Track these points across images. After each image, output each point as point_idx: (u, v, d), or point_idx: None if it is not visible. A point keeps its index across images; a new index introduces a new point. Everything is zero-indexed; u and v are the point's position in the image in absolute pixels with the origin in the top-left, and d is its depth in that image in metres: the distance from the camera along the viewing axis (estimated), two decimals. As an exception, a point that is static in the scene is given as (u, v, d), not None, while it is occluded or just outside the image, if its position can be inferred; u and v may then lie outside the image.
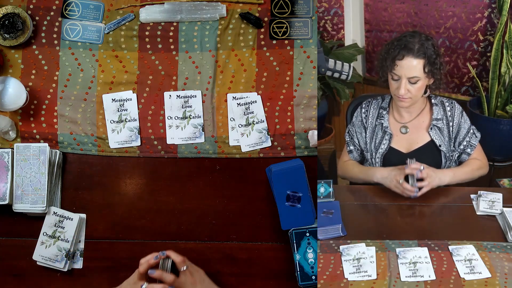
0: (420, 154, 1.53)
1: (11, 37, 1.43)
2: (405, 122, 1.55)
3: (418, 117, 1.55)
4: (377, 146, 1.56)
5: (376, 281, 1.18)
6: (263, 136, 1.45)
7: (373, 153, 1.56)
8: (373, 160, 1.57)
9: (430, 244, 1.26)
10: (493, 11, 1.93)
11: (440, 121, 1.53)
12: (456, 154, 1.55)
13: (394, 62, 1.43)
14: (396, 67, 1.43)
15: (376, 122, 1.57)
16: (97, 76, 1.47)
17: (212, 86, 1.46)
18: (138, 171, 1.45)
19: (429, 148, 1.53)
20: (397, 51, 1.43)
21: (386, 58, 1.47)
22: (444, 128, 1.53)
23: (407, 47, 1.42)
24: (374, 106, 1.59)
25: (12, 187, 1.37)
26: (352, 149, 1.62)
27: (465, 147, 1.54)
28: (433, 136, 1.52)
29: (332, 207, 1.41)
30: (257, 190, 1.43)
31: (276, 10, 1.47)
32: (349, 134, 1.63)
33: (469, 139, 1.54)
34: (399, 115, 1.56)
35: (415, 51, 1.42)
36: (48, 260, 1.39)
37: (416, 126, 1.55)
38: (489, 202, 1.39)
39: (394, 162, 1.53)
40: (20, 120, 1.46)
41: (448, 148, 1.53)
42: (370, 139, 1.57)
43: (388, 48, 1.47)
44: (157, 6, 1.47)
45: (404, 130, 1.54)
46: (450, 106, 1.54)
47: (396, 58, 1.43)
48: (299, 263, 1.32)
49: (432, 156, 1.53)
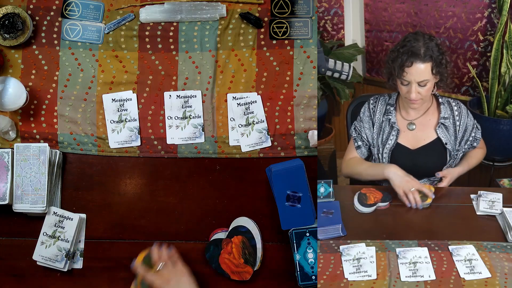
0: (426, 151, 1.55)
1: (11, 37, 1.43)
2: (411, 120, 1.57)
3: (425, 115, 1.57)
4: (384, 142, 1.57)
5: (376, 281, 1.18)
6: (263, 136, 1.44)
7: (380, 148, 1.58)
8: (380, 156, 1.58)
9: (430, 244, 1.26)
10: (493, 11, 1.93)
11: (447, 120, 1.55)
12: (461, 153, 1.57)
13: (403, 69, 1.43)
14: (405, 74, 1.43)
15: (383, 118, 1.58)
16: (97, 76, 1.47)
17: (212, 86, 1.46)
18: (138, 171, 1.45)
19: (435, 146, 1.55)
20: (404, 58, 1.42)
21: (393, 66, 1.46)
22: (450, 127, 1.55)
23: (414, 53, 1.42)
24: (381, 102, 1.60)
25: (12, 187, 1.37)
26: (360, 145, 1.61)
27: (472, 142, 1.58)
28: (440, 134, 1.54)
29: (332, 207, 1.41)
30: (257, 190, 1.43)
31: (276, 10, 1.47)
32: (356, 130, 1.62)
33: (474, 134, 1.58)
34: (406, 113, 1.58)
35: (421, 56, 1.41)
36: (48, 260, 1.39)
37: (423, 123, 1.56)
38: (489, 202, 1.39)
39: (401, 158, 1.55)
40: (20, 120, 1.46)
41: (453, 146, 1.55)
42: (377, 135, 1.59)
43: (394, 56, 1.47)
44: (157, 6, 1.47)
45: (411, 126, 1.56)
46: (457, 106, 1.56)
47: (405, 65, 1.42)
48: (299, 263, 1.32)
49: (437, 153, 1.55)
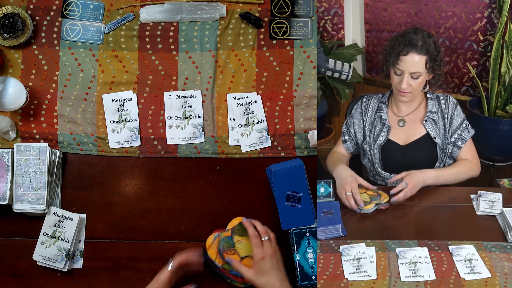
0: (416, 147, 1.57)
1: (11, 37, 1.43)
2: (402, 116, 1.60)
3: (415, 111, 1.59)
4: (375, 138, 1.60)
5: (376, 281, 1.18)
6: (263, 136, 1.44)
7: (372, 144, 1.60)
8: (372, 152, 1.61)
9: (430, 244, 1.26)
10: (493, 11, 1.93)
11: (434, 113, 1.57)
12: (450, 147, 1.56)
13: (398, 57, 1.48)
14: (399, 62, 1.48)
15: (375, 115, 1.62)
16: (97, 76, 1.47)
17: (212, 86, 1.46)
18: (138, 171, 1.45)
19: (425, 141, 1.56)
20: (401, 47, 1.48)
21: (390, 53, 1.52)
22: (439, 121, 1.57)
23: (411, 43, 1.47)
24: (374, 100, 1.64)
25: (12, 187, 1.37)
26: (346, 139, 1.65)
27: (456, 140, 1.56)
28: (428, 128, 1.56)
29: (332, 207, 1.41)
30: (257, 190, 1.43)
31: (276, 10, 1.47)
32: (346, 125, 1.67)
33: (461, 132, 1.56)
34: (397, 109, 1.61)
35: (418, 47, 1.47)
36: (48, 260, 1.39)
37: (413, 119, 1.59)
38: (489, 202, 1.39)
39: (392, 153, 1.58)
40: (20, 120, 1.46)
41: (443, 141, 1.56)
42: (369, 131, 1.61)
43: (392, 44, 1.52)
44: (157, 6, 1.47)
45: (402, 123, 1.59)
46: (445, 100, 1.59)
47: (401, 53, 1.47)
48: (299, 263, 1.32)
49: (428, 148, 1.56)
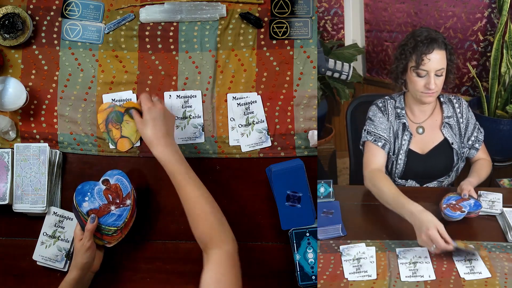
0: (435, 154, 1.52)
1: (11, 37, 1.43)
2: (420, 122, 1.54)
3: (432, 116, 1.54)
4: (399, 147, 1.53)
5: (376, 281, 1.18)
6: (263, 136, 1.44)
7: (398, 151, 1.53)
8: (396, 159, 1.53)
9: (430, 244, 1.26)
10: (493, 11, 1.93)
11: (451, 118, 1.53)
12: (466, 151, 1.55)
13: (421, 58, 1.41)
14: (423, 63, 1.41)
15: (396, 122, 1.54)
16: (97, 76, 1.47)
17: (212, 86, 1.46)
18: (138, 171, 1.45)
19: (443, 147, 1.53)
20: (424, 46, 1.41)
21: (409, 57, 1.44)
22: (455, 125, 1.53)
23: (434, 39, 1.41)
24: (390, 106, 1.55)
25: (12, 187, 1.37)
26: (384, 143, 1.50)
27: (474, 142, 1.55)
28: (446, 134, 1.52)
29: (332, 207, 1.41)
30: (257, 190, 1.43)
31: (276, 10, 1.47)
32: (371, 133, 1.52)
33: (476, 134, 1.55)
34: (413, 115, 1.54)
35: (440, 42, 1.42)
36: (48, 260, 1.39)
37: (431, 125, 1.54)
38: (489, 202, 1.39)
39: (413, 164, 1.53)
40: (20, 120, 1.46)
41: (459, 145, 1.53)
42: (394, 139, 1.54)
43: (407, 48, 1.45)
44: (157, 6, 1.47)
45: (421, 130, 1.53)
46: (458, 103, 1.54)
47: (425, 52, 1.41)
48: (299, 263, 1.32)
49: (445, 154, 1.53)
